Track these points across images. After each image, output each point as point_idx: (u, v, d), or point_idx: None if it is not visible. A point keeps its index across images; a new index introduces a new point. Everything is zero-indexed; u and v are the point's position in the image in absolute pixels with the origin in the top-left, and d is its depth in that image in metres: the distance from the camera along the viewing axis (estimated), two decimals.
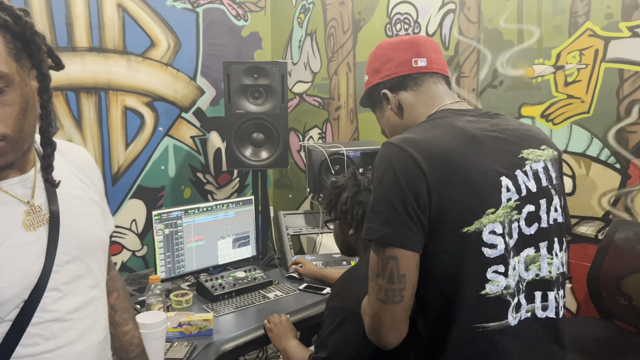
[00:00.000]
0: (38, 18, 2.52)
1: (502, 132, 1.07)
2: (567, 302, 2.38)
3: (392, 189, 0.98)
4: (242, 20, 3.45)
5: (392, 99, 1.20)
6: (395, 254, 0.97)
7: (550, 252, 1.06)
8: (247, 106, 2.82)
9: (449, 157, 0.98)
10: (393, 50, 1.20)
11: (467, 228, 0.97)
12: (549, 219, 1.06)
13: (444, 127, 1.05)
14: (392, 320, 1.00)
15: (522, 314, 1.03)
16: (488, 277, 0.99)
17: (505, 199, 1.00)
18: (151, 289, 1.94)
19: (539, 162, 1.07)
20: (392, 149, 1.01)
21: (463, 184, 0.97)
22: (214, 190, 3.42)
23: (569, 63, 2.26)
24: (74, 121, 2.70)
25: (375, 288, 1.00)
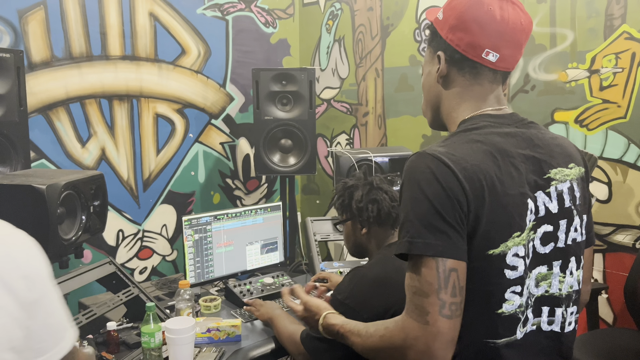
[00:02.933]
0: (74, 28, 2.59)
1: (534, 149, 1.04)
2: (604, 313, 2.30)
3: (440, 201, 0.94)
4: (271, 28, 3.48)
5: (442, 65, 1.10)
6: (455, 266, 0.93)
7: (563, 270, 1.06)
8: (276, 112, 2.84)
9: (485, 178, 0.96)
10: (477, 23, 1.04)
11: (493, 250, 0.96)
12: (567, 239, 1.05)
13: (480, 142, 1.00)
14: (454, 336, 0.94)
15: (528, 327, 1.03)
16: (506, 297, 0.98)
17: (528, 220, 1.00)
18: (180, 294, 1.96)
19: (565, 182, 1.05)
20: (432, 162, 0.97)
21: (495, 206, 0.95)
22: (243, 195, 3.45)
23: (605, 67, 2.20)
24: (107, 128, 2.76)
25: (436, 305, 0.92)
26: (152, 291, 2.40)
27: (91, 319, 1.75)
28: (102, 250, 2.76)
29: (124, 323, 1.97)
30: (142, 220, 2.94)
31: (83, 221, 1.81)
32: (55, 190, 1.62)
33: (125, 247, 2.88)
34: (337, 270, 2.47)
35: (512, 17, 1.04)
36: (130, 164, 2.86)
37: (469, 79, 1.09)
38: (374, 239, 1.73)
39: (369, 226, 1.71)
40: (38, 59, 2.49)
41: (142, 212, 2.94)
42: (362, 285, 1.57)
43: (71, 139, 2.64)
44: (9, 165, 1.99)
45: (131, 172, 2.87)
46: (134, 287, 1.99)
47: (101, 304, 1.83)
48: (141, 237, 2.94)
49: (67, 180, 1.70)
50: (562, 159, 1.07)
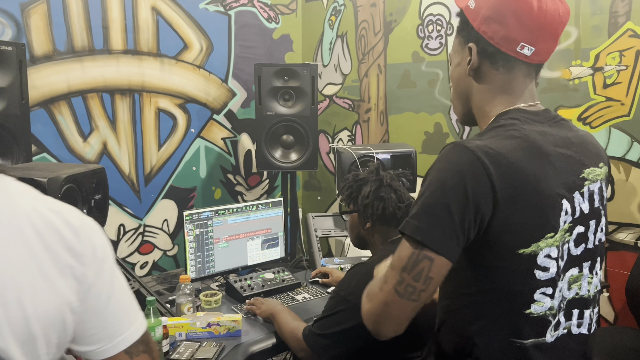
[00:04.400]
0: (76, 21, 2.59)
1: (569, 147, 1.02)
2: (605, 312, 2.30)
3: (456, 197, 0.93)
4: (274, 23, 3.47)
5: (474, 59, 1.05)
6: (432, 256, 0.94)
7: (591, 271, 1.05)
8: (278, 108, 2.83)
9: (520, 177, 0.94)
10: (513, 16, 0.99)
11: (524, 250, 0.95)
12: (595, 239, 1.05)
13: (519, 138, 0.98)
14: (398, 314, 0.98)
15: (559, 331, 1.02)
16: (535, 297, 0.97)
17: (562, 222, 0.98)
18: (181, 289, 1.96)
19: (597, 182, 1.04)
20: (467, 155, 0.94)
21: (528, 206, 0.94)
22: (244, 191, 3.45)
23: (609, 64, 2.19)
24: (108, 122, 2.76)
25: (395, 278, 0.97)
26: (153, 286, 2.40)
27: None
28: None
29: None
30: (143, 215, 2.94)
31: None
32: (56, 183, 1.62)
33: (126, 241, 2.88)
34: (338, 266, 2.46)
35: (551, 8, 0.99)
36: (131, 159, 2.86)
37: (502, 73, 1.04)
38: (377, 234, 1.73)
39: (372, 222, 1.71)
40: (40, 53, 2.49)
41: (144, 207, 2.93)
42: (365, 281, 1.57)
43: (73, 133, 2.63)
44: (10, 158, 1.99)
45: (132, 167, 2.87)
46: (134, 282, 1.99)
47: None
48: (142, 231, 2.94)
49: (69, 173, 1.69)
50: (594, 158, 1.05)
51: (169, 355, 1.69)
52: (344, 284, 1.61)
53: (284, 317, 1.81)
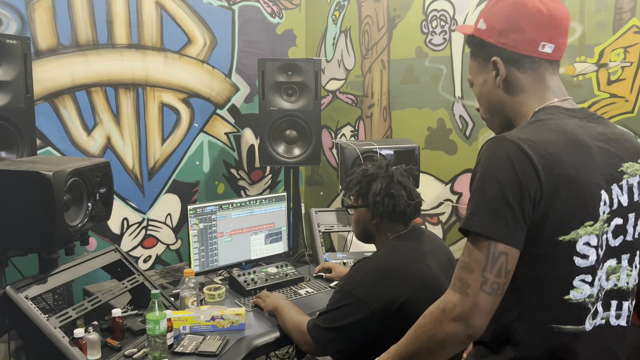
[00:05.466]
0: (80, 15, 2.59)
1: (607, 142, 1.07)
2: None
3: (511, 188, 0.97)
4: (277, 18, 3.47)
5: (502, 70, 1.12)
6: (506, 251, 0.97)
7: (631, 264, 1.08)
8: (281, 103, 2.83)
9: (562, 167, 0.98)
10: (527, 21, 1.08)
11: (563, 237, 0.99)
12: (635, 232, 1.08)
13: (558, 131, 1.03)
14: (491, 310, 1.00)
15: (597, 320, 1.05)
16: (574, 284, 1.01)
17: (602, 212, 1.02)
18: (185, 282, 1.97)
19: (635, 176, 1.08)
20: (511, 147, 0.99)
21: (569, 195, 0.98)
22: (247, 186, 3.45)
23: (613, 61, 2.19)
24: (112, 116, 2.76)
25: (479, 280, 0.98)
26: (157, 279, 2.42)
27: (96, 305, 1.76)
28: (107, 238, 2.78)
29: (129, 310, 1.99)
30: (147, 209, 2.95)
31: (89, 208, 1.82)
32: (61, 177, 1.63)
33: (130, 235, 2.89)
34: (340, 261, 2.47)
35: (556, 7, 1.09)
36: (135, 153, 2.87)
37: (530, 75, 1.12)
38: (384, 229, 1.73)
39: (381, 218, 1.71)
40: (44, 47, 2.49)
41: (147, 201, 2.95)
42: (370, 276, 1.58)
43: (77, 127, 2.64)
44: (15, 152, 1.99)
45: (136, 161, 2.88)
46: (138, 275, 2.00)
47: (106, 291, 1.84)
48: (146, 225, 2.95)
49: (74, 167, 1.70)
50: (631, 154, 1.09)
51: (173, 348, 1.71)
52: (349, 279, 1.62)
53: (288, 311, 1.82)
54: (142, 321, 1.87)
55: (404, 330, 1.16)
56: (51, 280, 1.71)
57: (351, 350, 1.60)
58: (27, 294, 1.59)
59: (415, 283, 1.55)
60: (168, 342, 1.69)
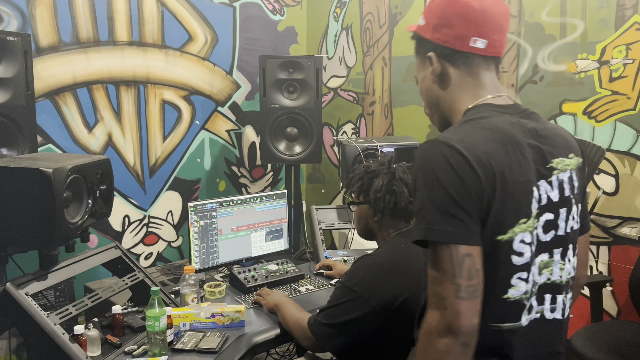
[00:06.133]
0: (81, 12, 2.59)
1: (537, 138, 1.07)
2: (608, 306, 2.30)
3: (454, 188, 0.96)
4: (279, 15, 3.46)
5: (436, 65, 1.14)
6: (470, 251, 0.97)
7: (563, 258, 1.09)
8: (282, 100, 2.83)
9: (497, 166, 0.98)
10: (458, 16, 1.10)
11: (502, 237, 0.99)
12: (567, 227, 1.09)
13: (490, 129, 1.03)
14: (475, 313, 0.98)
15: (532, 315, 1.06)
16: (512, 282, 1.02)
17: (534, 208, 1.03)
18: (185, 279, 1.97)
19: (566, 171, 1.09)
20: (446, 149, 0.98)
21: (504, 193, 0.98)
22: (248, 183, 3.45)
23: (615, 58, 2.18)
24: (113, 113, 2.76)
25: (452, 289, 0.96)
26: (157, 277, 2.42)
27: (97, 302, 1.76)
28: (108, 235, 2.78)
29: (129, 307, 1.99)
30: (148, 206, 2.95)
31: (89, 205, 1.82)
32: (61, 174, 1.63)
33: (131, 232, 2.90)
34: (341, 258, 2.47)
35: (490, 4, 1.10)
36: (136, 150, 2.87)
37: (464, 70, 1.12)
38: (384, 226, 1.73)
39: (382, 215, 1.71)
40: (45, 44, 2.49)
41: (148, 198, 2.95)
42: (372, 273, 1.58)
43: (78, 124, 2.64)
44: (16, 149, 2.00)
45: (137, 158, 2.88)
46: (139, 272, 2.01)
47: (107, 288, 1.84)
48: (147, 223, 2.96)
49: (74, 164, 1.70)
50: (563, 149, 1.10)
51: (173, 344, 1.71)
52: (350, 275, 1.62)
53: (289, 308, 1.82)
54: (142, 318, 1.87)
55: (405, 328, 1.16)
56: (51, 277, 1.71)
57: (351, 347, 1.60)
58: (28, 291, 1.60)
59: (417, 280, 1.55)
60: (168, 338, 1.69)
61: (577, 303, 2.38)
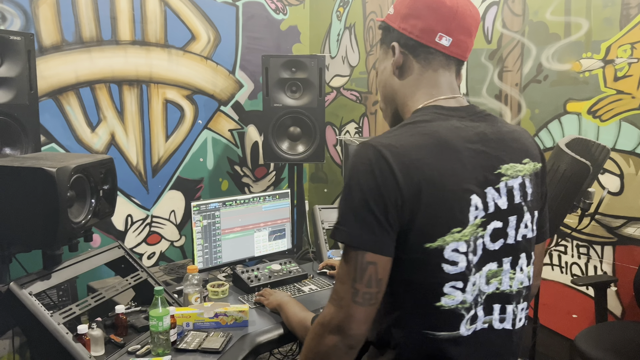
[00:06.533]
0: (84, 12, 2.59)
1: (485, 143, 1.04)
2: (612, 306, 2.29)
3: (372, 195, 0.96)
4: (281, 14, 3.46)
5: (397, 56, 1.11)
6: (374, 260, 0.97)
7: (513, 267, 1.06)
8: (285, 100, 2.82)
9: (425, 173, 0.96)
10: (428, 8, 1.07)
11: (430, 244, 0.97)
12: (517, 235, 1.06)
13: (427, 135, 1.00)
14: (367, 319, 1.00)
15: (478, 325, 1.04)
16: (445, 291, 1.00)
17: (473, 217, 1.00)
18: (189, 279, 1.97)
19: (517, 178, 1.05)
20: (373, 153, 0.98)
21: (433, 201, 0.97)
22: (251, 183, 3.45)
23: (620, 57, 2.17)
24: (116, 113, 2.76)
25: (350, 292, 0.99)
26: (160, 276, 2.42)
27: (100, 302, 1.76)
28: (111, 235, 2.78)
29: (132, 307, 1.99)
30: (151, 205, 2.95)
31: (92, 205, 1.82)
32: (65, 173, 1.62)
33: (134, 232, 2.90)
34: None
35: (461, 3, 1.07)
36: (139, 150, 2.87)
37: (424, 65, 1.09)
38: None
39: None
40: (48, 43, 2.49)
41: (151, 198, 2.95)
42: None
43: (81, 124, 2.64)
44: (19, 148, 2.00)
45: (140, 158, 2.88)
46: (142, 272, 2.00)
47: (110, 288, 1.84)
48: (150, 222, 2.96)
49: (77, 163, 1.70)
50: (516, 154, 1.07)
51: (176, 344, 1.71)
52: None
53: (292, 308, 1.82)
54: (145, 318, 1.87)
55: None
56: (55, 276, 1.71)
57: None
58: (31, 290, 1.59)
59: None
60: (171, 338, 1.69)
61: (581, 303, 2.38)
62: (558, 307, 2.47)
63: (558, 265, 2.47)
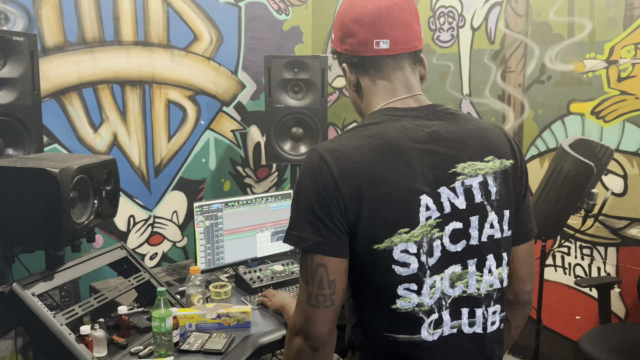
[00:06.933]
0: (87, 12, 2.59)
1: (438, 142, 1.02)
2: (616, 308, 2.28)
3: (316, 199, 0.98)
4: (284, 15, 3.46)
5: (349, 76, 1.13)
6: (324, 262, 0.98)
7: (480, 269, 1.04)
8: (287, 100, 2.82)
9: (365, 175, 0.97)
10: (355, 23, 1.07)
11: (378, 245, 0.98)
12: (481, 235, 1.03)
13: (372, 137, 1.01)
14: (326, 321, 1.01)
15: (445, 329, 1.02)
16: (399, 293, 0.99)
17: (424, 217, 0.99)
18: (191, 280, 1.97)
19: (476, 176, 1.02)
20: (316, 158, 1.00)
21: (376, 203, 0.97)
22: (253, 183, 3.45)
23: (623, 57, 2.16)
24: (119, 113, 2.76)
25: (305, 294, 1.01)
26: (163, 277, 2.42)
27: (102, 302, 1.76)
28: (113, 236, 2.78)
29: (135, 307, 1.99)
30: (153, 206, 2.95)
31: (95, 205, 1.82)
32: (68, 174, 1.62)
33: (136, 232, 2.90)
34: None
35: (384, 3, 1.06)
36: (141, 150, 2.87)
37: (375, 75, 1.10)
38: None
39: None
40: (51, 44, 2.49)
41: (153, 198, 2.95)
42: None
43: (83, 124, 2.64)
44: (22, 148, 2.00)
45: (142, 158, 2.88)
46: (144, 272, 2.00)
47: (112, 288, 1.84)
48: (152, 223, 2.96)
49: (80, 164, 1.70)
50: (476, 151, 1.04)
51: (179, 345, 1.71)
52: None
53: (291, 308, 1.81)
54: (148, 318, 1.87)
55: None
56: (57, 277, 1.71)
57: None
58: (34, 291, 1.59)
59: None
60: (174, 339, 1.69)
61: (585, 305, 2.37)
62: (561, 309, 2.47)
63: (561, 266, 2.46)
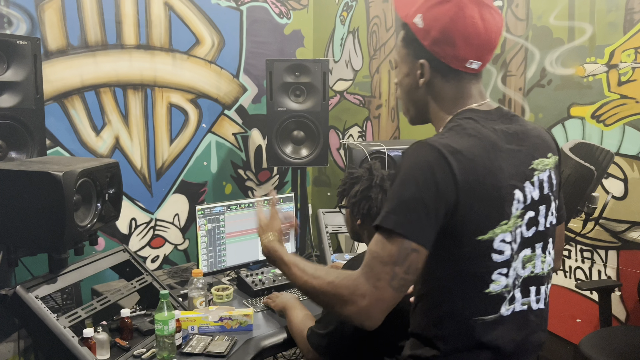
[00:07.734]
0: (89, 16, 2.60)
1: (520, 143, 1.12)
2: (617, 311, 2.29)
3: (428, 193, 1.01)
4: (285, 18, 3.47)
5: (427, 75, 1.14)
6: (417, 249, 1.01)
7: (544, 251, 1.15)
8: (289, 104, 2.83)
9: (479, 173, 1.03)
10: (462, 39, 1.08)
11: (482, 237, 1.04)
12: (546, 222, 1.15)
13: (475, 136, 1.07)
14: (391, 307, 1.03)
15: (516, 306, 1.11)
16: (493, 278, 1.07)
17: (515, 209, 1.08)
18: (193, 283, 1.97)
19: (545, 171, 1.14)
20: (431, 152, 1.03)
21: (485, 198, 1.04)
22: (254, 186, 3.46)
23: (624, 62, 2.17)
24: (121, 116, 2.77)
25: (389, 274, 1.01)
26: (164, 280, 2.42)
27: (105, 305, 1.77)
28: (115, 238, 2.79)
29: (137, 310, 1.99)
30: (155, 209, 2.96)
31: (98, 209, 1.83)
32: (71, 177, 1.63)
33: (138, 235, 2.90)
34: None
35: (492, 25, 1.10)
36: (143, 153, 2.88)
37: (453, 84, 1.15)
38: (367, 230, 1.74)
39: (362, 219, 1.73)
40: (54, 47, 2.50)
41: (155, 201, 2.95)
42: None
43: (86, 127, 2.65)
44: (25, 152, 2.01)
45: (144, 161, 2.89)
46: (147, 275, 2.01)
47: (115, 291, 1.85)
48: (154, 225, 2.96)
49: (84, 167, 1.71)
50: (542, 150, 1.16)
51: (181, 348, 1.71)
52: None
53: (295, 316, 1.80)
54: (150, 321, 1.88)
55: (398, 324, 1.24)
56: (60, 280, 1.72)
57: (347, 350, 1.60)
58: (37, 294, 1.60)
59: None
60: (176, 342, 1.69)
61: (585, 308, 2.38)
62: (562, 312, 2.47)
63: (562, 269, 2.47)
